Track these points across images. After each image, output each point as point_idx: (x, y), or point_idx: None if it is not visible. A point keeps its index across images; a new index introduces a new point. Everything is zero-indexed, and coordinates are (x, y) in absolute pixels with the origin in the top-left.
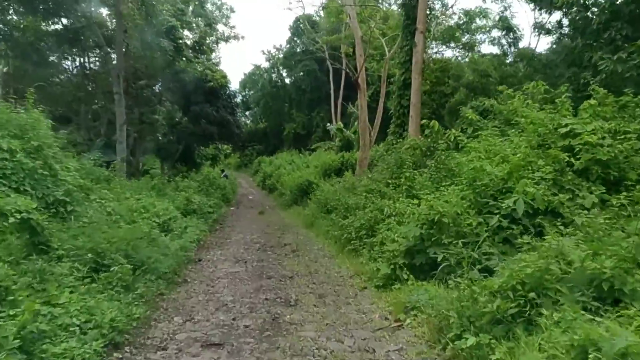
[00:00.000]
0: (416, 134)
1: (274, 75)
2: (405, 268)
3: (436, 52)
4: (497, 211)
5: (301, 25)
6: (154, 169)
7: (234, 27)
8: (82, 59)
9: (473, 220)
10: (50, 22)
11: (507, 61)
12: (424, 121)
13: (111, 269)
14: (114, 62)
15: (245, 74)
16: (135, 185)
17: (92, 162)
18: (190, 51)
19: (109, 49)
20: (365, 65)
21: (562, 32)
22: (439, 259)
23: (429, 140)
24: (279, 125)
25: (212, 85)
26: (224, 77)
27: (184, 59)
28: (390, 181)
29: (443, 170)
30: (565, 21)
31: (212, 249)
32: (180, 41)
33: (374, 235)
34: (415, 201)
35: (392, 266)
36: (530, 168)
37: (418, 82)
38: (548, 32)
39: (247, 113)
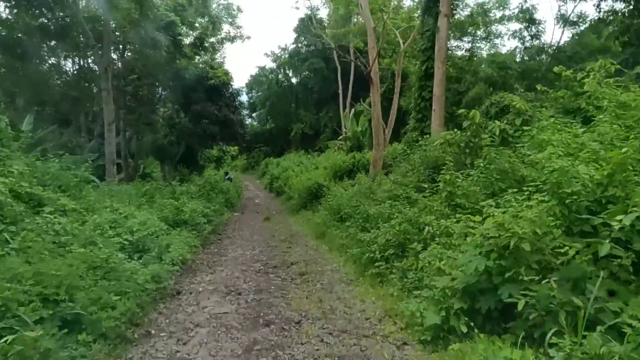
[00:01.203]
0: (440, 130)
1: (280, 76)
2: (463, 315)
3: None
4: (601, 232)
5: (307, 22)
6: (155, 172)
7: (240, 27)
8: (80, 60)
9: (569, 246)
10: (34, 16)
11: (529, 55)
12: (461, 111)
13: (2, 339)
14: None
15: (251, 76)
16: (121, 192)
17: (59, 165)
18: (192, 48)
19: (97, 44)
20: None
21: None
22: (519, 307)
23: (468, 134)
24: (286, 125)
25: (213, 82)
26: (226, 74)
27: (184, 55)
28: (425, 185)
29: (494, 172)
30: (605, 5)
31: (199, 273)
32: (180, 37)
33: (406, 256)
34: (476, 218)
35: (442, 312)
36: (632, 167)
37: (441, 71)
38: (574, 23)
39: (254, 115)
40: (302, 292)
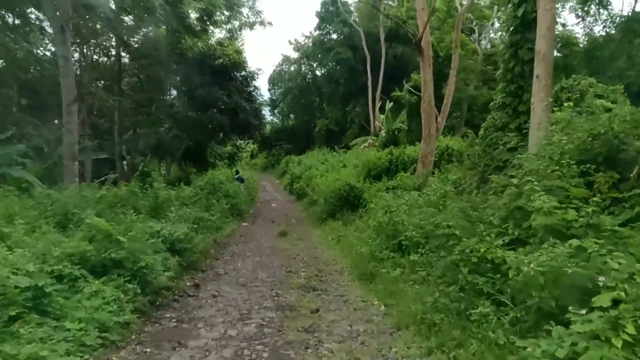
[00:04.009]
0: (547, 107)
1: (303, 67)
2: None
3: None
4: None
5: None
6: (155, 171)
7: (260, 12)
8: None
9: None
10: None
11: (597, 29)
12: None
13: None
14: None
15: (273, 70)
16: (60, 200)
17: None
18: (199, 23)
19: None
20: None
21: None
22: None
23: None
24: (309, 121)
25: (221, 62)
26: (238, 52)
27: (188, 29)
28: None
29: None
30: None
31: None
32: (182, 5)
33: None
34: None
35: None
36: None
37: (550, 14)
38: None
39: (276, 111)
40: None
